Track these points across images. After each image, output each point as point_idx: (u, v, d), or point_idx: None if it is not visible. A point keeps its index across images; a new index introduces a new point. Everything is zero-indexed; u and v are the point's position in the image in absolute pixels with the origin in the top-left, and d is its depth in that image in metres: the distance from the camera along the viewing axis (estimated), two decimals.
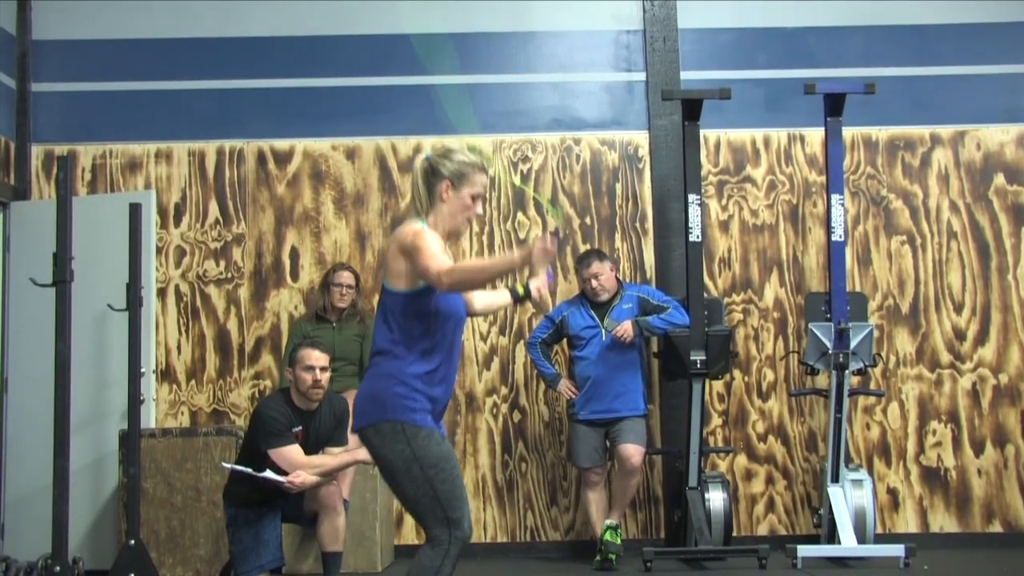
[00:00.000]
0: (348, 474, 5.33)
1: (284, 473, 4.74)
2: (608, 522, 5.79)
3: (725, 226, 6.58)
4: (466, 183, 3.43)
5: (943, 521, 6.37)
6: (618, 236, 6.57)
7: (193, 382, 6.46)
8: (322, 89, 6.64)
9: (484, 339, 6.50)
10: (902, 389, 6.45)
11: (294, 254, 6.53)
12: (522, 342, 6.43)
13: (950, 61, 6.68)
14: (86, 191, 6.55)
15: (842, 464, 5.82)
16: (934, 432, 6.43)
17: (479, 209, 3.49)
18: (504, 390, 6.48)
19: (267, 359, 6.45)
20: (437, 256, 3.23)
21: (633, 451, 5.74)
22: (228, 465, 4.95)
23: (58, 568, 4.54)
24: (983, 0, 6.71)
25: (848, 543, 5.58)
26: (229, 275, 6.51)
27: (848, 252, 6.39)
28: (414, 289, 3.33)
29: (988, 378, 6.44)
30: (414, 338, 3.34)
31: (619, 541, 5.76)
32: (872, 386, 6.35)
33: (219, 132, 6.62)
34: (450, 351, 3.42)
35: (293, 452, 4.75)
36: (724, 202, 6.59)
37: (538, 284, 3.60)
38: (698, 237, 6.01)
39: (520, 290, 3.60)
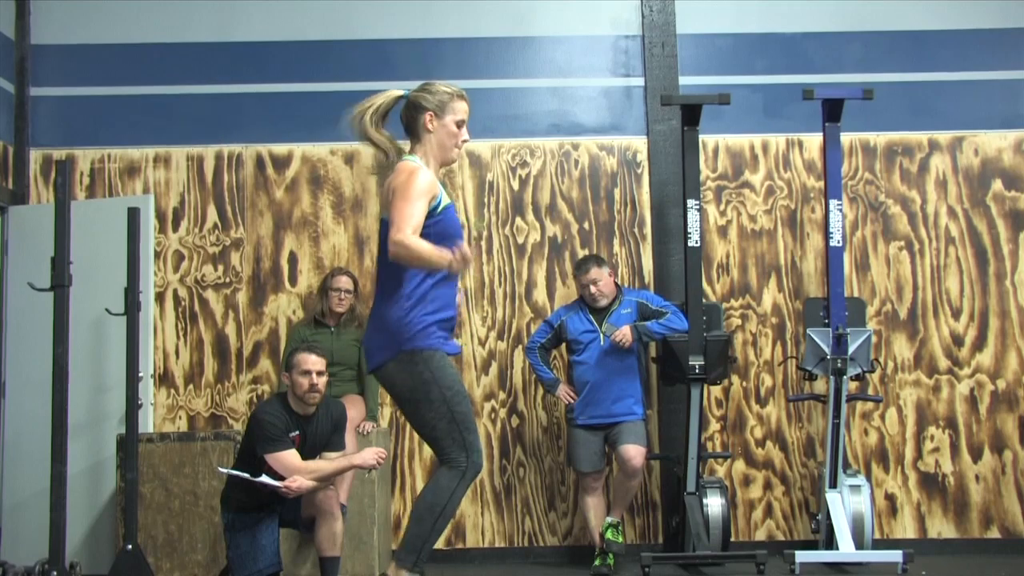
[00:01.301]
0: (346, 479, 5.33)
1: (281, 478, 4.74)
2: (609, 519, 5.79)
3: (723, 231, 6.58)
4: (448, 111, 3.60)
5: (941, 527, 6.36)
6: (616, 241, 6.58)
7: (191, 387, 6.46)
8: (321, 94, 6.64)
9: (482, 344, 6.50)
10: (900, 395, 6.45)
11: (292, 259, 6.53)
12: (520, 347, 6.43)
13: (948, 67, 6.69)
14: (84, 195, 6.55)
15: (840, 470, 5.82)
16: (932, 438, 6.43)
17: (465, 134, 3.64)
18: (502, 395, 6.48)
19: (265, 364, 6.45)
20: (407, 220, 3.37)
21: (634, 452, 5.74)
22: (225, 470, 4.95)
23: (55, 573, 4.54)
24: (981, 6, 6.72)
25: (846, 549, 5.58)
26: (227, 280, 6.51)
27: (846, 257, 6.40)
28: None
29: (986, 384, 6.44)
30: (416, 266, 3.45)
31: (620, 540, 5.75)
32: (870, 392, 6.36)
33: (217, 137, 6.62)
34: (451, 275, 3.60)
35: (290, 457, 4.75)
36: (722, 207, 6.60)
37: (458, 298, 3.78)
38: (697, 242, 6.01)
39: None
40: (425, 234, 3.49)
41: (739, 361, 6.43)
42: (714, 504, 5.88)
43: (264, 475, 4.75)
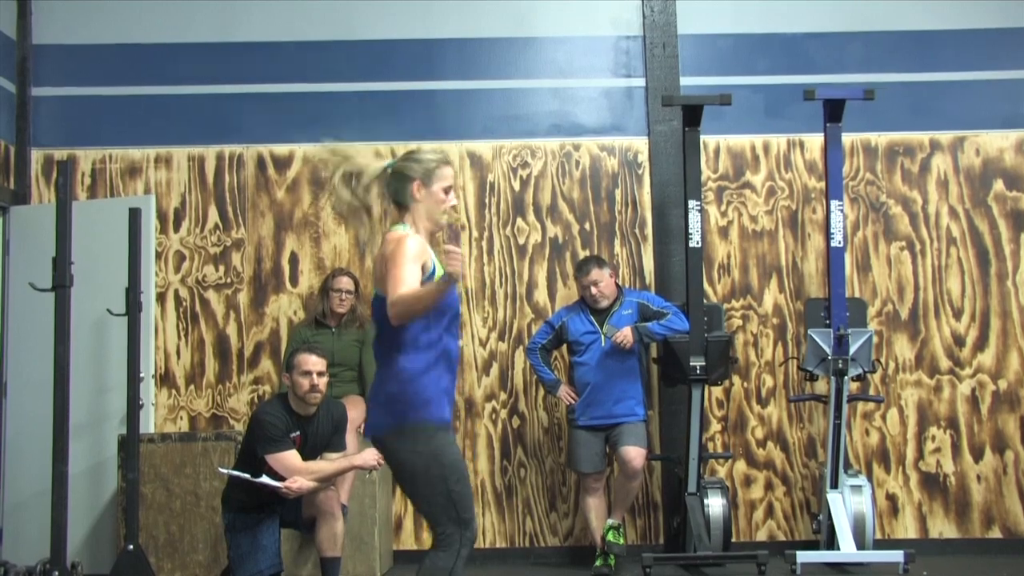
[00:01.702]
0: (347, 479, 5.33)
1: (282, 478, 4.74)
2: (610, 521, 5.79)
3: (724, 232, 6.58)
4: (435, 178, 3.57)
5: (942, 527, 6.36)
6: (617, 242, 6.58)
7: (192, 387, 6.46)
8: (322, 94, 6.64)
9: (483, 344, 6.50)
10: (901, 395, 6.45)
11: (293, 259, 6.53)
12: (521, 348, 6.43)
13: (949, 67, 6.69)
14: (86, 196, 6.55)
15: (841, 470, 5.82)
16: (933, 438, 6.42)
17: (453, 200, 3.60)
18: (503, 395, 6.48)
19: (266, 364, 6.46)
20: (403, 283, 3.31)
21: (635, 453, 5.74)
22: (225, 470, 4.95)
23: (57, 573, 4.55)
24: (982, 6, 6.72)
25: (847, 549, 5.57)
26: (228, 280, 6.51)
27: (847, 258, 6.39)
28: None
29: (987, 384, 6.44)
30: (416, 336, 3.40)
31: (622, 541, 5.76)
32: (871, 392, 6.35)
33: (219, 137, 6.62)
34: (451, 342, 3.53)
35: (291, 457, 4.75)
36: (723, 208, 6.59)
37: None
38: (698, 243, 6.01)
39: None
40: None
41: (740, 362, 6.42)
42: (715, 504, 5.88)
43: (264, 476, 4.75)
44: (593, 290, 5.91)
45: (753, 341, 6.50)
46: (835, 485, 5.80)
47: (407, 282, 3.32)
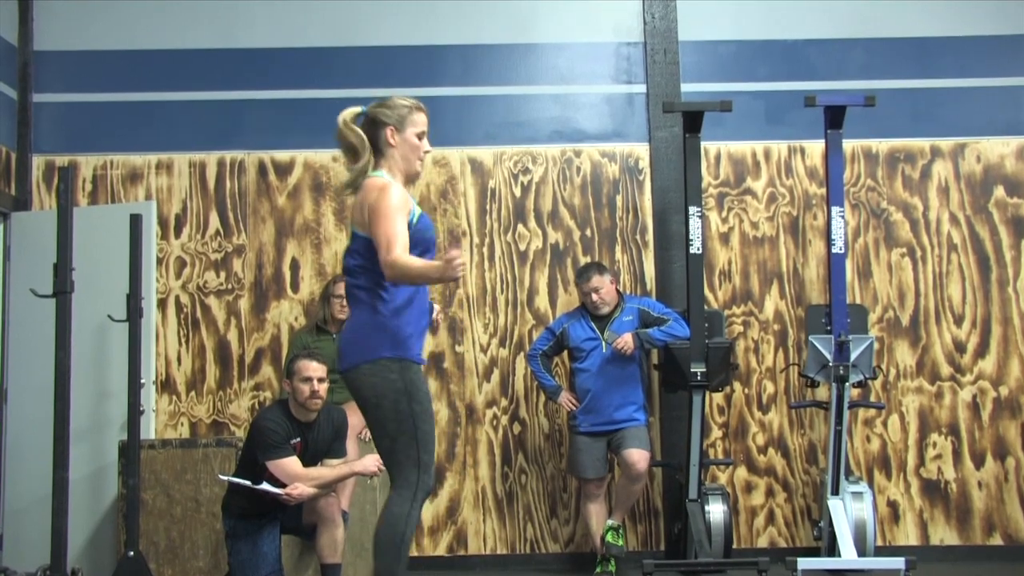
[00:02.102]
0: (347, 485, 5.33)
1: (282, 485, 4.74)
2: (610, 522, 5.79)
3: (725, 238, 6.58)
4: (408, 123, 3.66)
5: (943, 534, 6.36)
6: (618, 248, 6.58)
7: (193, 393, 6.46)
8: (323, 100, 6.64)
9: (484, 351, 6.50)
10: (902, 401, 6.44)
11: (294, 265, 6.53)
12: (522, 354, 6.43)
13: (950, 73, 6.69)
14: (87, 202, 6.55)
15: (842, 476, 5.81)
16: (934, 444, 6.42)
17: (427, 146, 3.69)
18: (504, 402, 6.47)
19: (267, 370, 6.45)
20: (395, 240, 3.40)
21: (638, 456, 5.73)
22: (225, 477, 4.95)
23: None
24: (983, 12, 6.73)
25: (848, 556, 5.57)
26: (229, 286, 6.51)
27: (848, 264, 6.39)
28: None
29: (988, 391, 6.44)
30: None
31: (621, 543, 5.75)
32: (872, 398, 6.35)
33: (220, 143, 6.63)
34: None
35: (291, 464, 4.75)
36: (724, 214, 6.60)
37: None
38: (698, 249, 6.01)
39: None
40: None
41: (741, 368, 6.42)
42: (716, 511, 5.88)
43: (265, 482, 4.75)
44: (594, 296, 5.91)
45: (754, 347, 6.50)
46: (836, 492, 5.80)
47: (400, 236, 3.41)
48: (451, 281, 3.45)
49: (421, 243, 3.55)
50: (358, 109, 3.72)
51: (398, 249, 3.39)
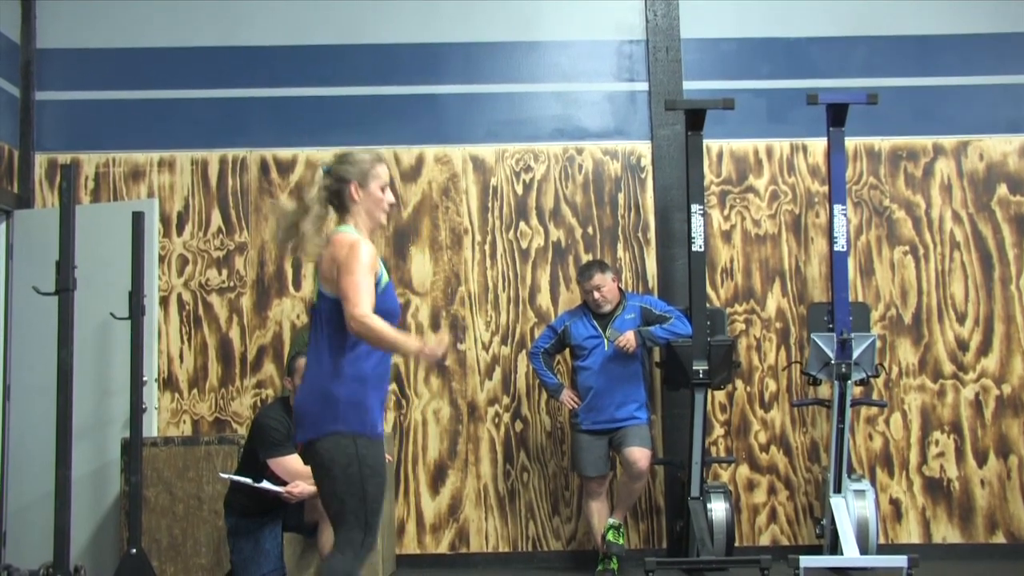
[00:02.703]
0: None
1: (284, 483, 4.74)
2: (611, 521, 5.79)
3: (727, 236, 6.58)
4: (371, 178, 3.64)
5: (946, 532, 6.35)
6: (620, 246, 6.57)
7: (195, 391, 6.46)
8: (325, 98, 6.65)
9: (486, 349, 6.50)
10: (905, 399, 6.44)
11: (296, 263, 6.53)
12: (524, 352, 6.43)
13: (953, 71, 6.68)
14: (89, 200, 6.56)
15: (844, 474, 5.81)
16: (937, 442, 6.41)
17: (391, 197, 3.67)
18: (506, 400, 6.47)
19: (269, 368, 6.46)
20: (363, 295, 3.38)
21: (640, 455, 5.73)
22: (227, 475, 4.95)
23: None
24: (986, 10, 6.72)
25: (850, 553, 5.56)
26: (231, 284, 6.52)
27: (851, 262, 6.39)
28: None
29: (991, 388, 6.43)
30: (356, 341, 3.42)
31: (622, 541, 5.75)
32: (875, 396, 6.34)
33: (222, 141, 6.63)
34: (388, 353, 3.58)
35: (292, 461, 4.75)
36: (726, 212, 6.59)
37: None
38: (700, 247, 6.00)
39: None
40: None
41: (743, 366, 6.42)
42: (718, 509, 5.88)
43: (266, 480, 4.75)
44: (596, 295, 5.91)
45: (756, 345, 6.50)
46: (838, 489, 5.79)
47: (368, 293, 3.40)
48: (423, 359, 3.42)
49: (383, 312, 3.47)
50: (322, 171, 3.70)
51: (366, 305, 3.36)
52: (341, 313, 3.42)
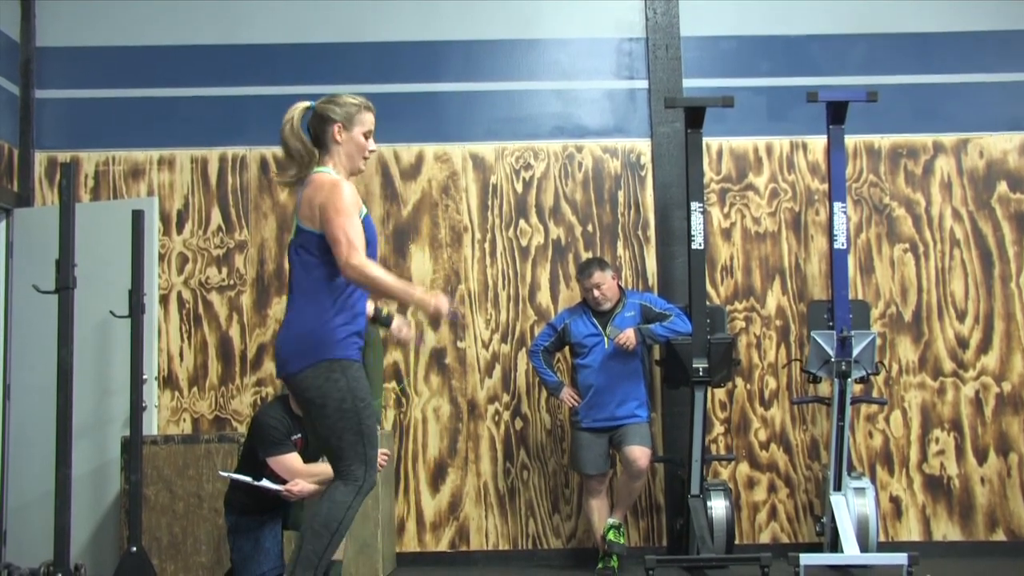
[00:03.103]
0: None
1: (283, 481, 4.74)
2: (611, 521, 5.79)
3: (727, 234, 6.58)
4: (356, 122, 3.66)
5: (946, 529, 6.35)
6: (620, 244, 6.57)
7: (195, 389, 6.47)
8: (325, 96, 6.63)
9: (486, 346, 6.50)
10: (905, 397, 6.44)
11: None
12: (524, 349, 6.43)
13: (953, 69, 6.68)
14: (89, 198, 6.56)
15: (844, 472, 5.81)
16: (937, 440, 6.41)
17: (372, 145, 3.70)
18: (506, 397, 6.48)
19: (269, 366, 6.46)
20: (355, 240, 3.42)
21: (640, 453, 5.73)
22: (226, 474, 4.95)
23: (60, 575, 4.55)
24: (986, 8, 6.71)
25: (851, 551, 5.56)
26: (231, 282, 6.52)
27: (851, 260, 6.39)
28: None
29: (991, 386, 6.43)
30: (335, 273, 3.44)
31: (622, 541, 5.75)
32: (875, 394, 6.35)
33: (222, 139, 6.63)
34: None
35: (292, 460, 4.74)
36: (726, 210, 6.59)
37: (403, 328, 3.81)
38: (700, 245, 6.00)
39: (384, 313, 3.74)
40: None
41: (743, 364, 6.42)
42: (718, 507, 5.88)
43: (265, 479, 4.75)
44: (595, 293, 5.91)
45: (756, 343, 6.50)
46: (838, 487, 5.80)
47: (359, 237, 3.44)
48: (423, 310, 3.44)
49: (368, 244, 3.56)
50: (306, 104, 3.73)
51: (361, 252, 3.41)
52: (322, 247, 3.49)
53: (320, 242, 3.53)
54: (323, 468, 4.83)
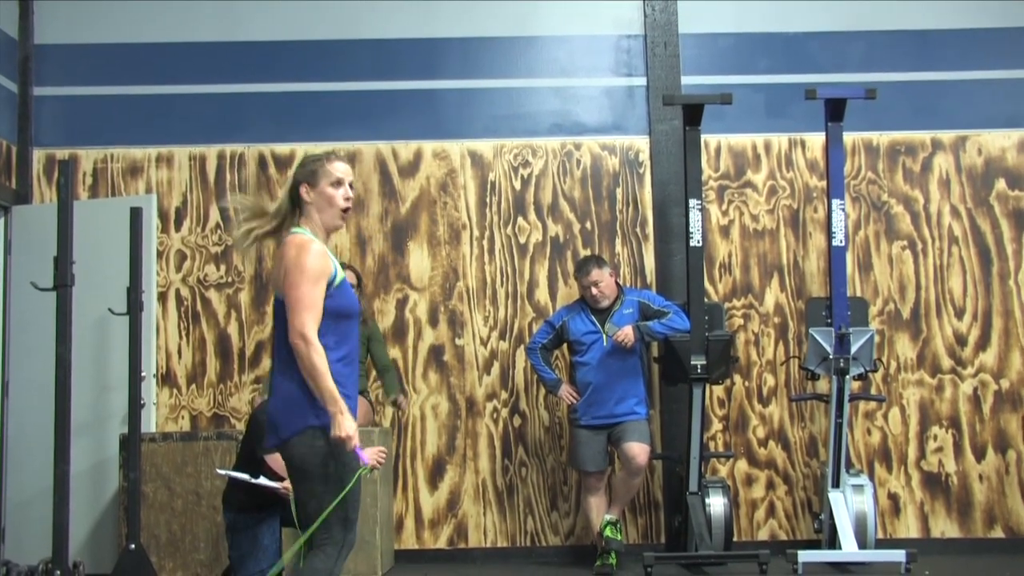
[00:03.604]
0: None
1: (281, 479, 4.74)
2: (608, 517, 5.78)
3: (726, 231, 6.58)
4: (320, 176, 3.59)
5: (944, 526, 6.36)
6: (619, 241, 6.57)
7: (194, 386, 6.46)
8: (323, 93, 6.64)
9: (484, 344, 6.50)
10: (903, 394, 6.44)
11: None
12: (522, 347, 6.43)
13: (951, 66, 6.68)
14: (87, 195, 6.55)
15: (843, 469, 5.82)
16: (935, 437, 6.42)
17: (344, 194, 3.58)
18: (504, 395, 6.48)
19: (268, 363, 6.45)
20: (307, 312, 3.36)
21: (639, 450, 5.73)
22: (224, 471, 4.95)
23: (59, 572, 4.55)
24: (984, 5, 6.71)
25: (849, 548, 5.57)
26: (230, 279, 6.51)
27: (849, 257, 6.39)
28: None
29: (989, 383, 6.44)
30: (323, 336, 3.42)
31: (619, 537, 5.75)
32: (873, 391, 6.35)
33: (220, 136, 6.63)
34: (350, 345, 3.53)
35: None
36: (725, 207, 6.59)
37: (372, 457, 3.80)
38: (699, 242, 6.01)
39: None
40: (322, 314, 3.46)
41: (741, 361, 6.42)
42: (716, 504, 5.88)
43: (263, 476, 4.75)
44: (593, 290, 5.90)
45: (754, 340, 6.50)
46: (837, 484, 5.80)
47: (314, 306, 3.37)
48: (334, 434, 3.36)
49: (337, 312, 3.46)
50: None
51: (310, 322, 3.35)
52: None
53: None
54: None
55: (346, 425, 3.33)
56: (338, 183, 3.57)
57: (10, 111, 6.53)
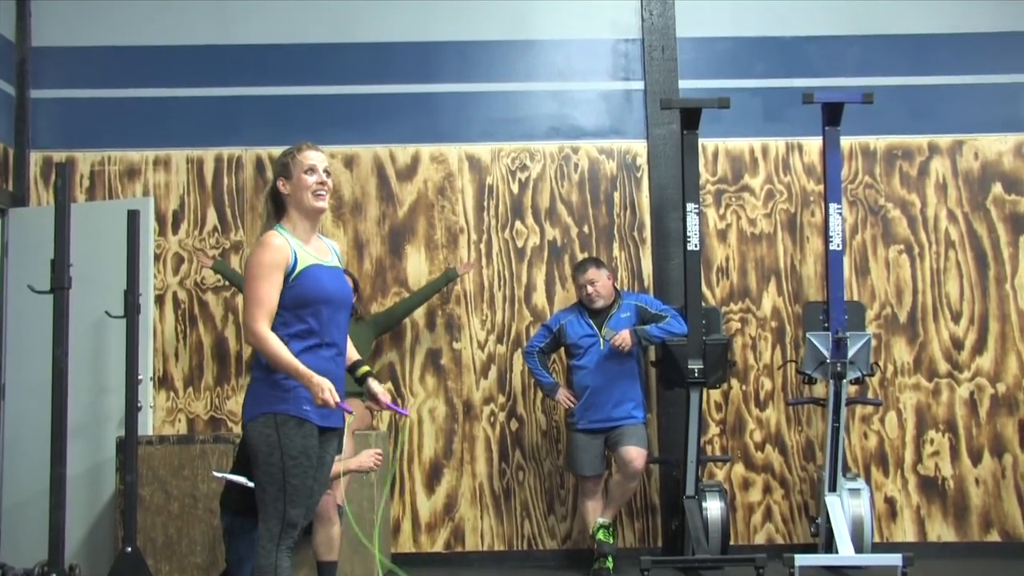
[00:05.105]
0: (343, 481, 5.32)
1: None
2: (601, 520, 5.79)
3: (723, 235, 6.58)
4: (293, 167, 3.67)
5: (941, 530, 6.36)
6: (616, 245, 6.58)
7: (190, 389, 6.46)
8: (320, 97, 6.65)
9: (481, 347, 6.50)
10: (900, 398, 6.45)
11: None
12: (519, 350, 6.43)
13: (948, 70, 6.69)
14: (84, 198, 6.55)
15: (840, 473, 5.82)
16: (932, 441, 6.42)
17: (315, 179, 3.62)
18: (501, 398, 6.48)
19: None
20: (259, 303, 3.44)
21: (636, 454, 5.73)
22: (220, 474, 4.94)
23: (55, 575, 4.54)
24: (981, 9, 6.73)
25: (845, 552, 5.57)
26: (227, 283, 6.50)
27: (846, 261, 6.40)
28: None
29: (986, 387, 6.44)
30: (284, 327, 3.48)
31: (612, 540, 5.75)
32: (870, 395, 6.36)
33: (217, 139, 6.63)
34: (322, 334, 3.54)
35: None
36: (722, 211, 6.60)
37: (378, 394, 3.83)
38: (696, 246, 6.01)
39: (360, 372, 3.77)
40: (289, 303, 3.51)
41: (738, 365, 6.43)
42: (713, 508, 5.88)
43: None
44: (589, 289, 5.91)
45: (751, 344, 6.51)
46: (833, 488, 5.80)
47: (264, 302, 3.44)
48: (311, 392, 3.39)
49: (297, 302, 3.50)
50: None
51: (260, 317, 3.42)
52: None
53: None
54: None
55: (315, 382, 3.36)
56: (311, 170, 3.62)
57: (7, 113, 6.53)
